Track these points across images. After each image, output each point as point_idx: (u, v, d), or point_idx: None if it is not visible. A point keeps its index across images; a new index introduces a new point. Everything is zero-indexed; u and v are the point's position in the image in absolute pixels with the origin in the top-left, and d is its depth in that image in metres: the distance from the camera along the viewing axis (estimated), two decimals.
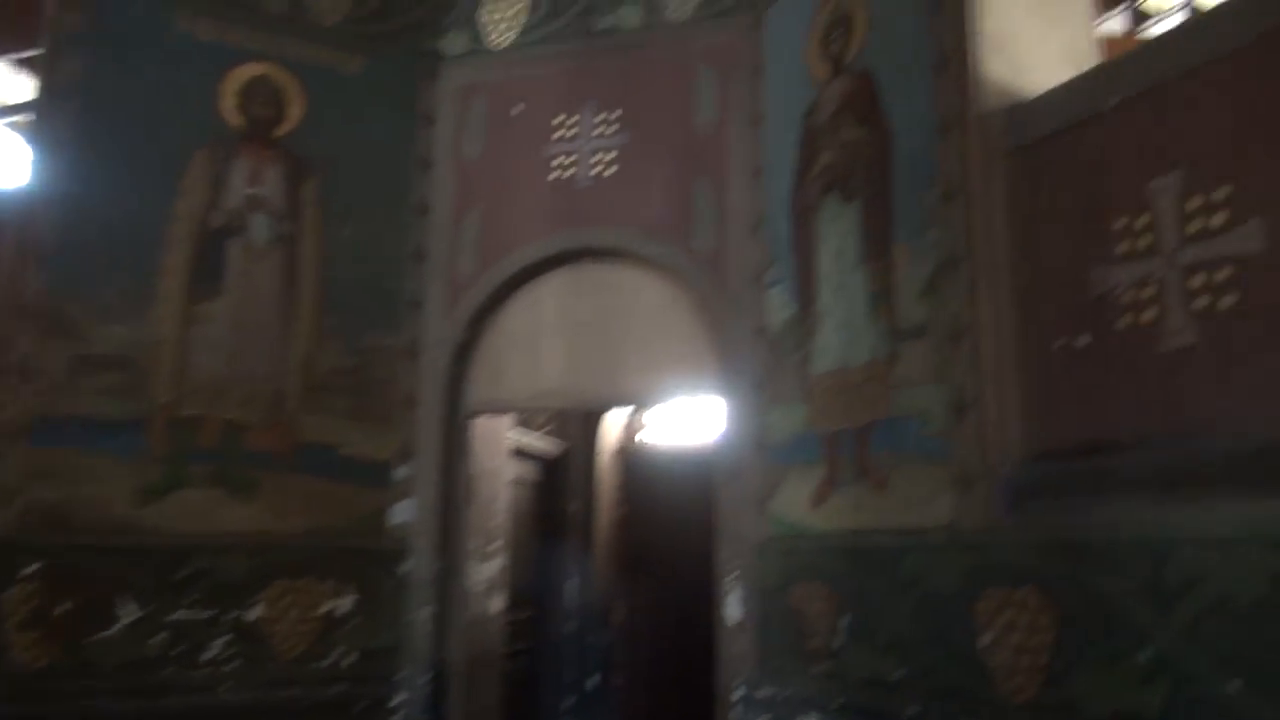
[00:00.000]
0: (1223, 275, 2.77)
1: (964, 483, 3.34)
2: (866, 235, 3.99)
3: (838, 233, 4.15)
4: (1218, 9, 3.06)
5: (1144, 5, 5.23)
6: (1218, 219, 2.81)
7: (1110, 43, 4.06)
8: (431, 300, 5.19)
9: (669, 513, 7.09)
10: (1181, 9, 4.75)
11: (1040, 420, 3.25)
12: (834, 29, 4.35)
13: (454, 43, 5.53)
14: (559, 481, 6.86)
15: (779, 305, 4.45)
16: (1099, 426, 3.04)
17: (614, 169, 5.08)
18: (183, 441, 4.55)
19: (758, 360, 4.51)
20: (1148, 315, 2.95)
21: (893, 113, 3.96)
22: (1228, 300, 2.75)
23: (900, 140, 3.90)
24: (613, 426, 7.42)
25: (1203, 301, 2.81)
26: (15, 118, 7.17)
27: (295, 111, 5.09)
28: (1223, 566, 2.48)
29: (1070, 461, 3.07)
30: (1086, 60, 3.87)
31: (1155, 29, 5.13)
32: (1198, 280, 2.83)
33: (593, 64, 5.27)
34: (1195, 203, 2.87)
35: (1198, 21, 3.07)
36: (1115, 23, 4.92)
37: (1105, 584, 2.80)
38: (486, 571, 5.31)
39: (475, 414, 5.22)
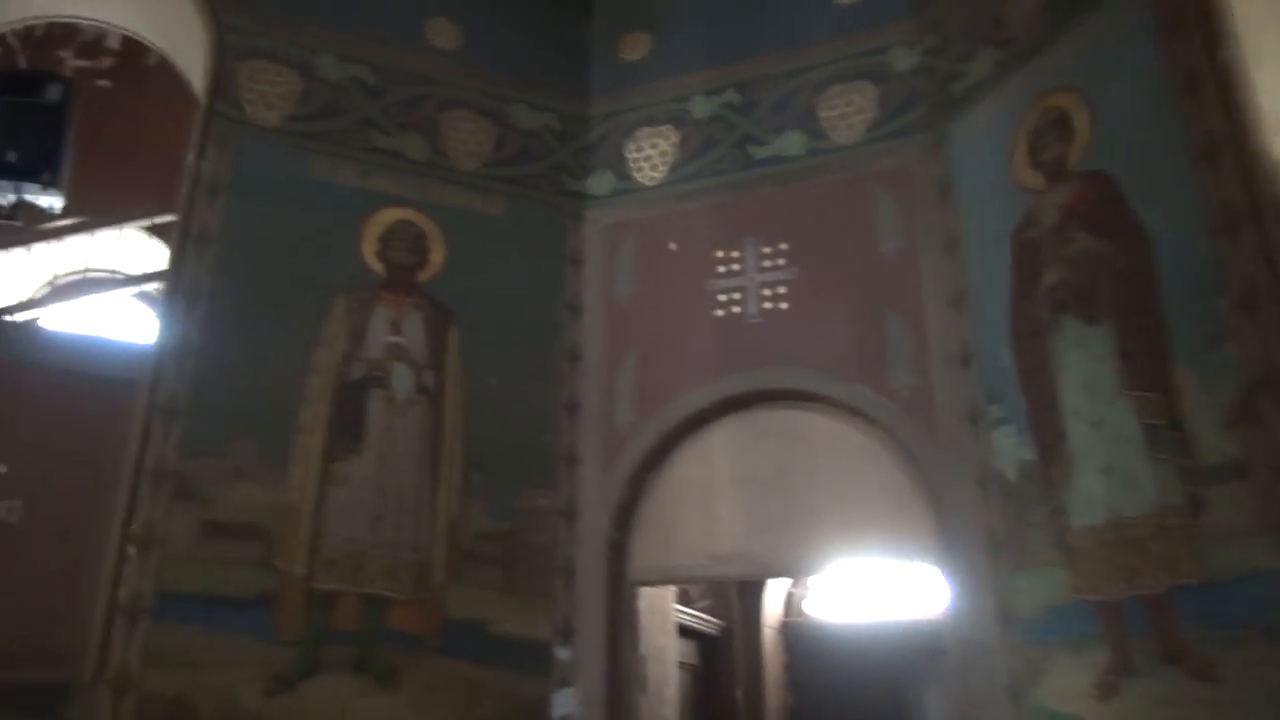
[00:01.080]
0: None
1: None
2: (1127, 359, 3.33)
3: (1085, 359, 3.50)
4: None
5: None
6: None
7: None
8: (587, 455, 4.62)
9: (850, 702, 6.09)
10: None
11: None
12: (1045, 134, 3.86)
13: (600, 183, 5.20)
14: (720, 664, 6.00)
15: (1010, 448, 3.74)
16: None
17: (786, 304, 4.57)
18: (317, 621, 3.95)
19: (990, 514, 3.76)
20: None
21: (1145, 216, 3.37)
22: None
23: (1163, 246, 3.28)
24: (774, 598, 6.57)
25: None
26: (147, 285, 7.09)
27: (437, 257, 4.75)
28: None
29: None
30: None
31: None
32: None
33: (753, 195, 4.85)
34: None
35: None
36: None
37: None
38: None
39: (641, 584, 4.52)
